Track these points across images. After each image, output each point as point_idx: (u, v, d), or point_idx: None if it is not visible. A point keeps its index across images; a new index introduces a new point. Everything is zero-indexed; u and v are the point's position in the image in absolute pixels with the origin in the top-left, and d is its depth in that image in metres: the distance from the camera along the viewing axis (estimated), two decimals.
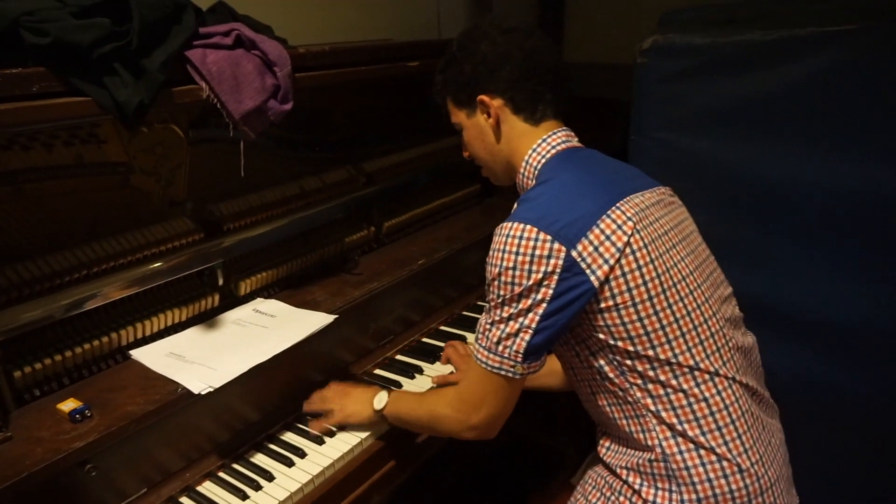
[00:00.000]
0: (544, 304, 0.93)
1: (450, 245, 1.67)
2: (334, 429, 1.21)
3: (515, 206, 1.03)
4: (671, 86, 1.52)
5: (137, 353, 1.16)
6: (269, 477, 1.10)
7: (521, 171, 1.10)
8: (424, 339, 1.56)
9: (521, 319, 0.95)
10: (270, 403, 1.24)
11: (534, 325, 0.94)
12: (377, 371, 1.42)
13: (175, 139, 1.29)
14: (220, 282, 1.31)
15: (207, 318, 1.28)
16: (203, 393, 1.03)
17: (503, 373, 0.98)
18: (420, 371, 1.41)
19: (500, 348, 0.97)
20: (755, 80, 1.42)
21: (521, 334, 0.95)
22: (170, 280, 1.22)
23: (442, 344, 1.51)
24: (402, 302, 1.54)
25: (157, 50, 0.99)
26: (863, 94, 1.29)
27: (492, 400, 1.00)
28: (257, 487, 1.08)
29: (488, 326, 0.99)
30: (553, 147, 1.07)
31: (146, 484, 1.06)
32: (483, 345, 1.00)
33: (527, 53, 1.08)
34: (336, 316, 1.26)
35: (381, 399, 1.18)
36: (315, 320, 1.24)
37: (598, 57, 2.56)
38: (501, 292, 0.96)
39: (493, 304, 0.98)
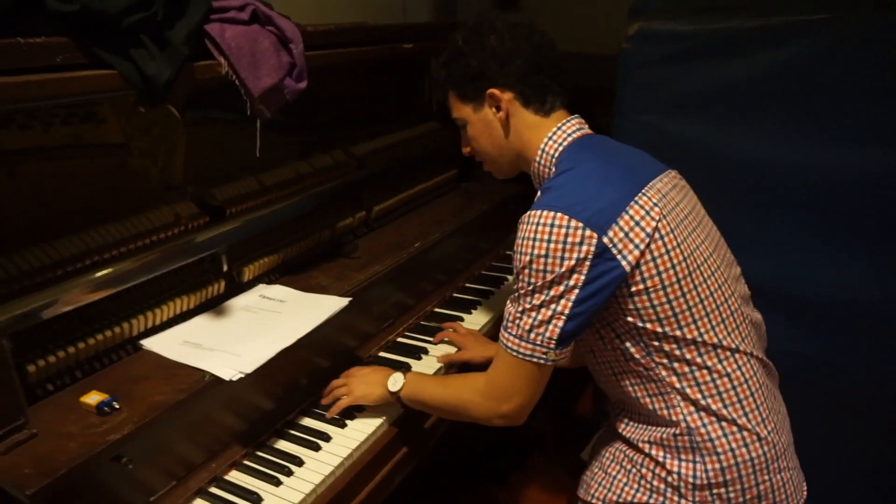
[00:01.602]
0: (576, 290, 0.95)
1: (440, 228, 1.68)
2: (354, 413, 1.20)
3: (539, 194, 1.04)
4: (655, 71, 1.58)
5: (150, 343, 1.11)
6: (299, 462, 1.08)
7: (537, 159, 1.11)
8: (422, 322, 1.56)
9: (553, 306, 0.96)
10: (282, 391, 1.22)
11: (567, 312, 0.96)
12: (383, 354, 1.42)
13: (171, 120, 1.22)
14: (225, 268, 1.26)
15: (214, 306, 1.24)
16: (234, 379, 1.00)
17: (535, 360, 0.99)
18: (425, 352, 1.42)
19: (532, 336, 0.98)
20: (735, 65, 1.51)
21: (554, 321, 0.97)
22: (177, 267, 1.17)
23: (439, 325, 1.52)
24: (401, 285, 1.54)
25: (180, 22, 0.94)
26: (835, 80, 1.40)
27: (523, 388, 1.02)
28: (289, 473, 1.06)
29: (518, 315, 1.00)
30: (569, 135, 1.10)
31: (174, 476, 1.02)
32: (514, 333, 1.00)
33: (535, 47, 1.10)
34: (350, 299, 1.25)
35: (395, 381, 1.17)
36: (330, 304, 1.23)
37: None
38: (532, 280, 0.97)
39: (523, 291, 0.99)
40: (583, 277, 0.95)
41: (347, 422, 1.19)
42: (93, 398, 0.94)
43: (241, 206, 1.31)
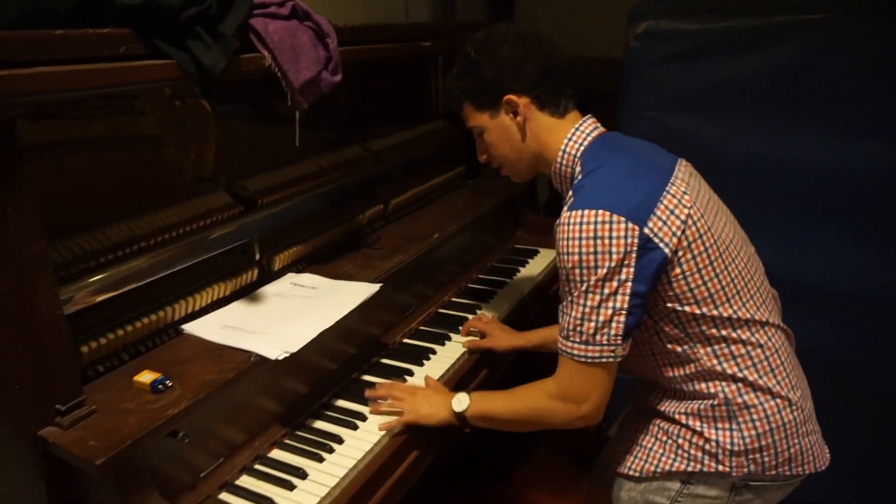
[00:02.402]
0: (630, 284, 0.99)
1: (456, 221, 1.73)
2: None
3: (571, 194, 1.07)
4: (661, 68, 1.65)
5: (191, 327, 1.14)
6: (339, 440, 1.12)
7: (559, 160, 1.15)
8: (441, 311, 1.61)
9: (610, 304, 0.99)
10: (313, 377, 1.26)
11: (626, 306, 0.99)
12: (407, 340, 1.46)
13: (203, 114, 1.27)
14: (257, 256, 1.30)
15: (248, 293, 1.28)
16: (280, 358, 1.04)
17: (604, 360, 1.02)
18: (448, 338, 1.47)
19: (598, 338, 1.01)
20: (738, 63, 1.58)
21: (616, 318, 1.00)
22: (214, 255, 1.20)
23: (459, 314, 1.57)
24: (420, 276, 1.58)
25: (229, 16, 0.98)
26: (836, 78, 1.48)
27: (598, 388, 1.05)
28: (330, 450, 1.09)
29: (579, 321, 1.01)
30: (587, 134, 1.14)
31: (220, 455, 1.05)
32: (578, 340, 1.02)
33: (545, 54, 1.14)
34: (381, 285, 1.29)
35: (460, 401, 1.16)
36: (362, 289, 1.27)
37: None
38: (584, 278, 1.00)
39: (576, 295, 1.01)
40: (632, 270, 0.99)
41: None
42: (146, 377, 0.98)
43: (271, 198, 1.34)
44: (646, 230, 0.99)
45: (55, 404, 0.88)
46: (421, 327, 1.53)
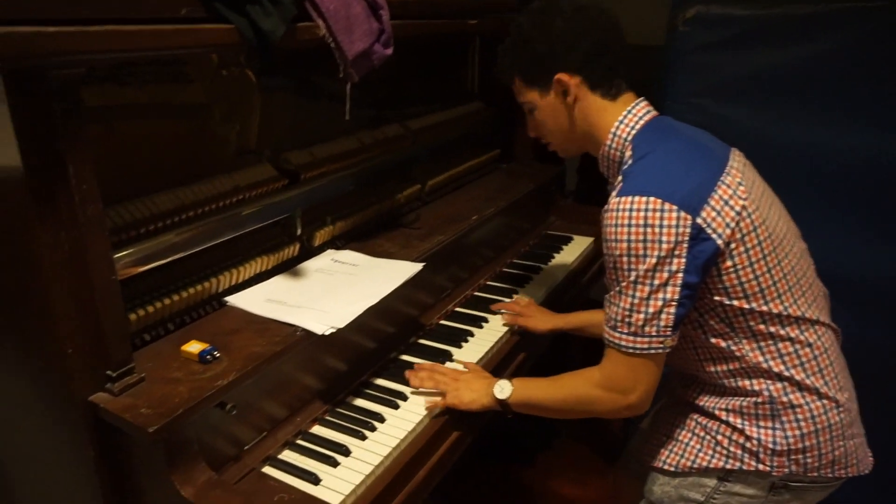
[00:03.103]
0: (681, 275, 0.96)
1: (493, 203, 1.70)
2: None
3: (620, 179, 1.04)
4: (708, 54, 1.62)
5: (235, 300, 1.13)
6: (380, 418, 1.11)
7: (609, 142, 1.11)
8: (477, 293, 1.59)
9: (661, 295, 0.97)
10: (353, 354, 1.24)
11: (677, 297, 0.97)
12: (444, 322, 1.45)
13: (248, 85, 1.25)
14: (299, 231, 1.29)
15: (289, 268, 1.26)
16: (327, 333, 1.03)
17: (653, 351, 1.00)
18: (485, 321, 1.45)
19: (647, 329, 0.99)
20: (789, 51, 1.54)
21: (666, 309, 0.97)
22: (258, 227, 1.19)
23: (495, 297, 1.55)
24: (457, 258, 1.56)
25: None
26: (889, 66, 1.44)
27: (645, 378, 1.02)
28: (372, 428, 1.08)
29: (628, 312, 0.99)
30: (640, 118, 1.10)
31: (262, 429, 1.04)
32: (626, 331, 1.00)
33: (601, 29, 1.10)
34: (424, 264, 1.27)
35: (503, 388, 1.14)
36: (404, 268, 1.25)
37: None
38: (633, 267, 0.97)
39: (625, 285, 0.98)
40: (683, 260, 0.96)
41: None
42: (194, 347, 0.97)
43: (313, 172, 1.33)
44: (698, 220, 0.97)
45: (106, 370, 0.88)
46: (458, 309, 1.51)
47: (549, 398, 1.13)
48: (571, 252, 1.86)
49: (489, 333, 1.41)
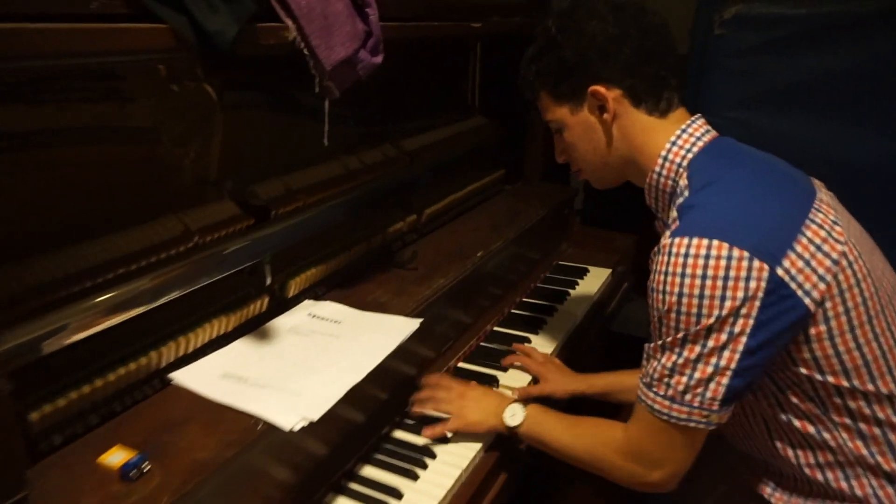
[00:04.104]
0: (744, 339, 0.75)
1: (500, 235, 1.47)
2: (448, 435, 1.01)
3: (675, 216, 0.84)
4: (751, 59, 1.40)
5: (182, 376, 0.88)
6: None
7: (657, 169, 0.90)
8: (483, 344, 1.35)
9: (714, 360, 0.77)
10: (335, 434, 1.00)
11: (733, 366, 0.76)
12: None
13: (207, 102, 1.01)
14: (268, 280, 1.05)
15: (256, 327, 1.02)
16: (296, 429, 0.79)
17: (692, 424, 0.80)
18: (495, 382, 1.21)
19: (689, 397, 0.79)
20: (845, 54, 1.32)
21: (718, 378, 0.77)
22: (216, 279, 0.95)
23: (502, 347, 1.31)
24: (461, 301, 1.32)
25: None
26: None
27: (675, 455, 0.82)
28: None
29: (667, 372, 0.80)
30: (697, 138, 0.89)
31: None
32: (662, 394, 0.81)
33: (644, 32, 0.89)
34: (421, 320, 1.04)
35: (514, 413, 0.98)
36: (397, 326, 1.02)
37: None
38: (683, 326, 0.77)
39: (670, 341, 0.79)
40: (752, 322, 0.75)
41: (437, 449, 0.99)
42: (115, 457, 0.72)
43: (288, 207, 1.09)
44: (779, 271, 0.75)
45: None
46: (461, 365, 1.27)
47: (563, 446, 0.95)
48: (589, 286, 1.63)
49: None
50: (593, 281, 1.66)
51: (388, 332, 0.99)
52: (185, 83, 0.97)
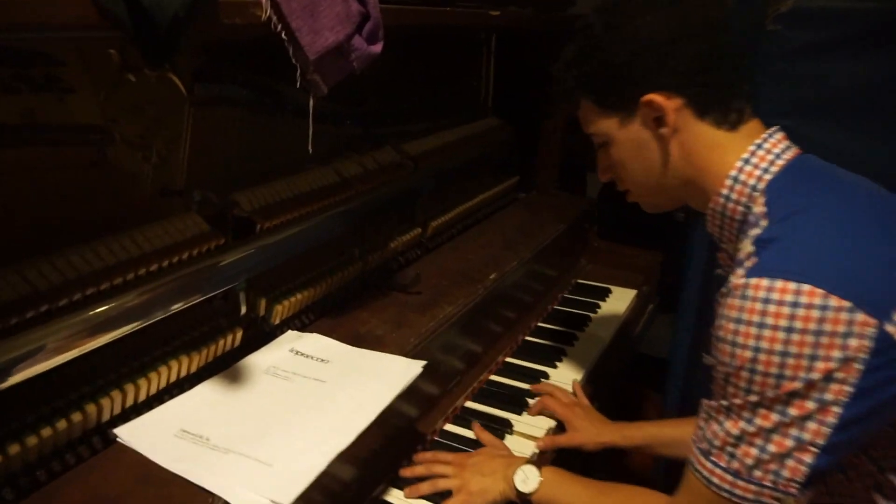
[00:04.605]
0: (838, 409, 0.60)
1: (515, 252, 1.30)
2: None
3: (752, 251, 0.67)
4: (812, 60, 1.21)
5: (128, 434, 0.72)
6: None
7: (725, 192, 0.74)
8: (493, 378, 1.18)
9: (796, 433, 0.61)
10: (320, 494, 0.83)
11: (821, 442, 0.60)
12: (449, 427, 1.03)
13: (173, 96, 0.85)
14: (243, 310, 0.88)
15: (225, 367, 0.85)
16: None
17: None
18: (508, 426, 1.04)
19: (759, 474, 0.63)
20: None
21: (799, 455, 0.61)
22: (176, 311, 0.78)
23: (516, 383, 1.15)
24: (470, 330, 1.16)
25: None
26: None
27: None
28: None
29: (732, 440, 0.64)
30: (776, 156, 0.73)
31: None
32: (724, 466, 0.65)
33: (710, 27, 0.74)
34: (424, 363, 0.87)
35: (526, 477, 0.85)
36: (395, 369, 0.85)
37: None
38: (758, 388, 0.62)
39: (739, 404, 0.64)
40: (850, 389, 0.59)
41: None
42: None
43: (275, 221, 0.92)
44: (888, 327, 0.59)
45: None
46: (469, 404, 1.10)
47: None
48: (613, 308, 1.46)
49: (517, 445, 1.00)
50: (617, 303, 1.49)
51: (384, 377, 0.83)
52: (145, 73, 0.81)
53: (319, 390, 0.81)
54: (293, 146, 1.00)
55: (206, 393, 0.80)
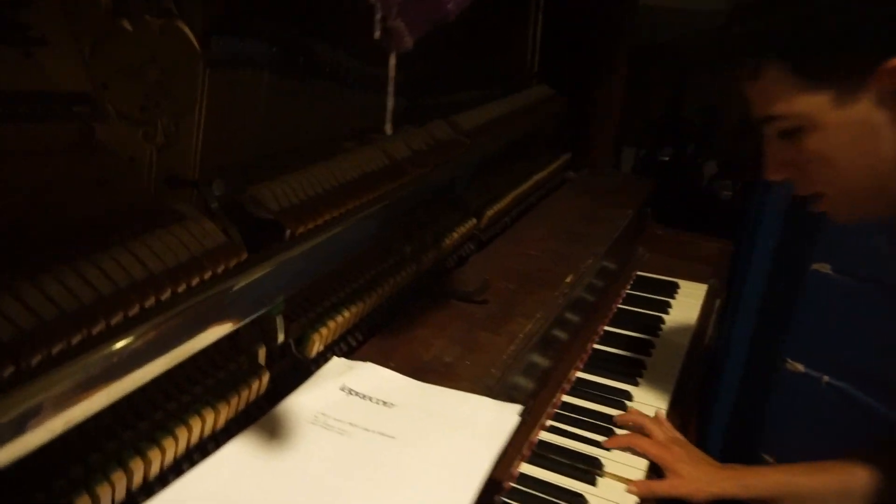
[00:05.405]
0: None
1: (585, 247, 1.10)
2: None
3: None
4: None
5: None
6: None
7: None
8: (566, 399, 0.98)
9: None
10: None
11: None
12: (525, 469, 0.84)
13: (183, 52, 0.63)
14: (280, 337, 0.67)
15: (256, 417, 0.65)
16: None
17: None
18: (599, 468, 0.84)
19: None
20: None
21: None
22: (195, 349, 0.57)
23: (592, 406, 0.96)
24: (545, 345, 0.95)
25: None
26: None
27: None
28: None
29: None
30: None
31: None
32: None
33: None
34: (521, 408, 0.66)
35: None
36: (485, 418, 0.64)
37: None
38: None
39: None
40: None
41: None
42: None
43: (313, 222, 0.71)
44: None
45: None
46: (542, 436, 0.90)
47: None
48: (686, 307, 1.27)
49: (608, 495, 0.81)
50: (689, 301, 1.30)
51: (472, 429, 0.62)
52: (146, 19, 0.59)
53: (389, 451, 0.61)
54: (334, 120, 0.79)
55: (237, 456, 0.60)
